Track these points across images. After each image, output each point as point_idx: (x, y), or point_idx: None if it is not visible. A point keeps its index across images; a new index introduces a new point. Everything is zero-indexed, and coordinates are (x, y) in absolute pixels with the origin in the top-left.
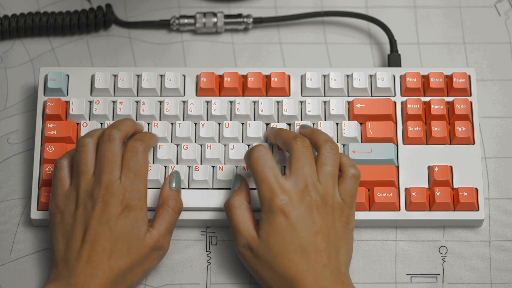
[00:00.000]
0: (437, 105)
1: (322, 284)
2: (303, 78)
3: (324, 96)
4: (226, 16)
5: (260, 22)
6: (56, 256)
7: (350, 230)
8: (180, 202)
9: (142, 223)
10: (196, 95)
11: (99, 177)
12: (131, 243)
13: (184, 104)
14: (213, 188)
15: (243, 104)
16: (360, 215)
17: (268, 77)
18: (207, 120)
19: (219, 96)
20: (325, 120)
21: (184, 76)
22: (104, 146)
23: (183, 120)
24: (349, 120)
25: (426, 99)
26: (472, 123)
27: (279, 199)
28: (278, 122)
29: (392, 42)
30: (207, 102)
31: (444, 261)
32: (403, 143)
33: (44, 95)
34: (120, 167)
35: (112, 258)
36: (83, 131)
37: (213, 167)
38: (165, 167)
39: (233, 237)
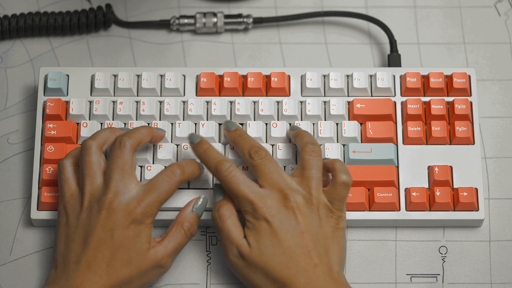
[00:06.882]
0: (437, 105)
1: (315, 284)
2: (303, 78)
3: (324, 96)
4: (226, 16)
5: (260, 22)
6: (56, 256)
7: (341, 229)
8: (195, 228)
9: (145, 239)
10: (196, 95)
11: (107, 183)
12: (133, 255)
13: (184, 104)
14: (213, 188)
15: (243, 104)
16: (360, 215)
17: (268, 77)
18: (207, 120)
19: (219, 96)
20: (325, 120)
21: (184, 76)
22: (114, 153)
23: (183, 120)
24: (349, 120)
25: (426, 99)
26: (472, 123)
27: (260, 207)
28: (278, 122)
29: (392, 42)
30: (207, 102)
31: (444, 261)
32: (403, 143)
33: (44, 95)
34: (130, 175)
35: (111, 266)
36: (83, 131)
37: None
38: (165, 167)
39: (223, 248)
